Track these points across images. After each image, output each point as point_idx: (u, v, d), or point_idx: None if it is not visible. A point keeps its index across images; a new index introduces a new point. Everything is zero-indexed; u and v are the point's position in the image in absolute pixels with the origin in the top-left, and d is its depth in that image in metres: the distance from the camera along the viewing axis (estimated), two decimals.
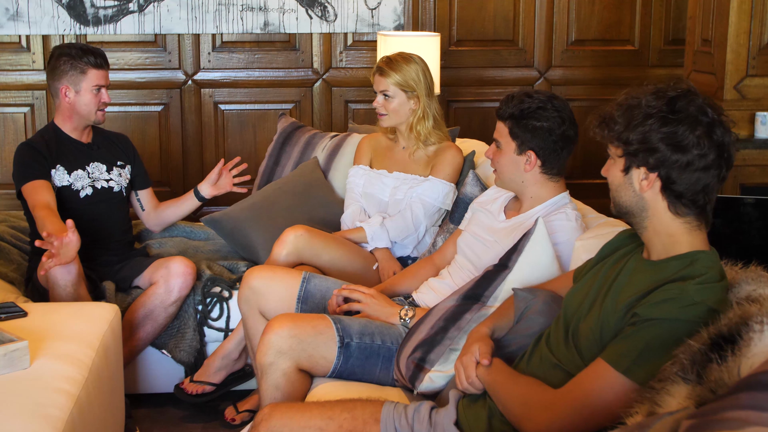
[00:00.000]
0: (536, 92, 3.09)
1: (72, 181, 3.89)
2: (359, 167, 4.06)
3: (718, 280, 2.10)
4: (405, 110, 3.88)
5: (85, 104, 3.87)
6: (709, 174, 2.10)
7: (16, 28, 5.26)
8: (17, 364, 2.77)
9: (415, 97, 3.86)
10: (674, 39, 5.73)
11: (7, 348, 2.75)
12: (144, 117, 5.45)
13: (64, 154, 3.91)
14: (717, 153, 2.09)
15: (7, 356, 2.75)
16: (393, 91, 3.86)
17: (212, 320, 3.89)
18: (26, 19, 5.24)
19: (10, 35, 5.30)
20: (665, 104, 2.12)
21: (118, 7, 5.27)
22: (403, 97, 3.87)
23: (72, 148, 3.94)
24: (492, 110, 5.51)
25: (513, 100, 3.05)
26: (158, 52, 5.41)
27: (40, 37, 5.32)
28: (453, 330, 2.83)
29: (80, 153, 3.96)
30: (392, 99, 3.87)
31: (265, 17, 5.36)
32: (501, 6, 5.57)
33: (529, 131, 3.02)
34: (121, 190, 4.03)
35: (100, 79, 3.87)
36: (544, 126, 3.01)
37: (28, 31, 5.28)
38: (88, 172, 3.95)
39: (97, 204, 3.93)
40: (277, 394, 2.97)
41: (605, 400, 2.07)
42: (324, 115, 5.54)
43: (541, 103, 3.02)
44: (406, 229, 3.83)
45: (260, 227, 4.09)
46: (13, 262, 4.06)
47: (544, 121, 3.01)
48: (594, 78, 5.71)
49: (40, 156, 3.84)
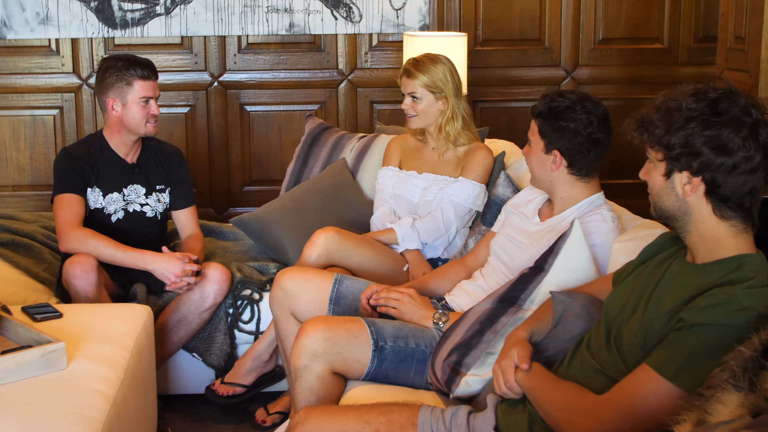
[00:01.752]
0: (570, 92, 3.07)
1: (105, 204, 3.83)
2: (389, 168, 4.06)
3: (767, 284, 2.05)
4: (433, 111, 3.87)
5: (132, 117, 3.78)
6: (755, 176, 2.06)
7: (46, 31, 5.30)
8: (54, 365, 2.79)
9: (443, 98, 3.86)
10: (704, 36, 5.65)
11: (44, 349, 2.78)
12: (171, 119, 5.46)
13: (103, 173, 3.83)
14: (763, 154, 2.06)
15: (44, 357, 2.77)
16: (421, 92, 3.85)
17: (243, 323, 3.89)
18: (56, 22, 5.27)
19: (40, 39, 5.34)
20: (707, 106, 2.08)
21: (145, 10, 5.29)
22: (431, 99, 3.86)
23: (114, 167, 3.86)
24: (519, 110, 5.60)
25: (545, 98, 3.04)
26: (184, 54, 5.42)
27: (69, 40, 5.35)
28: (489, 333, 2.81)
29: (121, 173, 3.87)
30: (420, 100, 3.86)
31: (291, 18, 5.37)
32: (527, 5, 5.54)
33: (556, 131, 3.01)
34: (156, 215, 3.94)
35: (147, 91, 3.77)
36: (570, 126, 2.99)
37: (58, 34, 5.31)
38: (124, 194, 3.87)
39: (128, 225, 3.88)
40: (311, 397, 2.97)
41: (650, 406, 2.04)
42: (349, 116, 5.54)
43: (571, 103, 3.00)
44: (436, 230, 3.82)
45: (289, 228, 4.09)
46: (44, 262, 4.08)
47: (570, 122, 2.98)
48: (622, 77, 5.66)
49: (79, 168, 3.79)
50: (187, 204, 4.02)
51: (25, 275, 3.90)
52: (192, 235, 3.99)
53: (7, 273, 3.86)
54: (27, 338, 2.91)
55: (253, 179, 5.63)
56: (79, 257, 3.56)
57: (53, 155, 5.42)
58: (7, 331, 3.00)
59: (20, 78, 5.40)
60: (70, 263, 3.55)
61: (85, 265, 3.52)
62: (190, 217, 4.02)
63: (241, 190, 5.64)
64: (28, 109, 5.46)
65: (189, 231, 4.01)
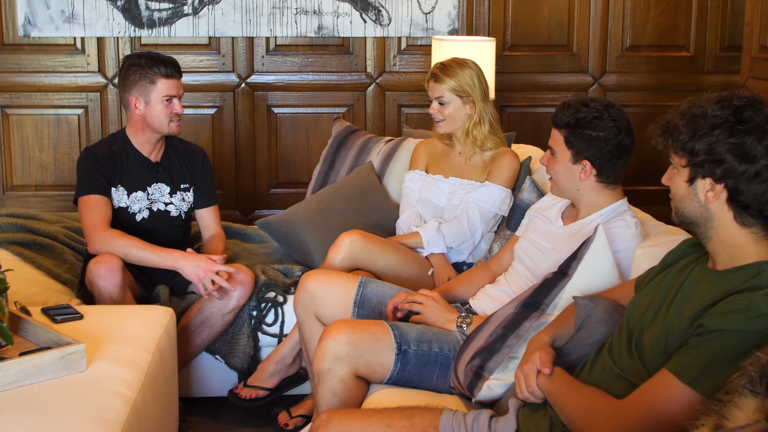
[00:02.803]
0: (593, 100, 3.05)
1: (129, 203, 3.81)
2: (415, 172, 4.05)
3: None
4: (461, 115, 3.88)
5: (155, 116, 3.75)
6: None
7: (72, 30, 5.29)
8: (74, 367, 2.76)
9: (470, 102, 3.85)
10: (730, 45, 5.65)
11: (64, 351, 2.74)
12: (197, 120, 5.46)
13: (127, 172, 3.82)
14: None
15: (64, 359, 2.74)
16: (448, 96, 3.85)
17: (267, 326, 3.87)
18: (81, 21, 5.27)
19: (65, 37, 5.33)
20: (731, 114, 2.08)
21: (172, 9, 5.29)
22: (458, 103, 3.86)
23: (137, 165, 3.85)
24: (546, 116, 5.54)
25: (569, 109, 3.01)
26: (212, 55, 5.42)
27: (95, 39, 5.35)
28: (512, 338, 2.80)
29: (144, 172, 3.86)
30: (448, 105, 3.86)
31: (319, 21, 5.35)
32: (555, 11, 5.52)
33: (585, 141, 2.98)
34: (180, 215, 3.93)
35: (170, 89, 3.75)
36: (600, 136, 2.97)
37: (83, 33, 5.30)
38: (149, 193, 3.85)
39: (153, 224, 3.87)
40: (334, 400, 2.96)
41: (670, 411, 2.05)
42: (377, 119, 5.52)
43: (598, 112, 2.98)
44: (462, 234, 3.81)
45: (315, 231, 4.08)
46: (66, 262, 4.08)
47: (600, 131, 2.97)
48: (649, 84, 5.64)
49: (104, 168, 3.77)
50: (209, 203, 4.00)
51: (47, 276, 3.89)
52: (214, 236, 3.97)
53: (29, 274, 3.84)
54: (46, 340, 2.88)
55: (279, 181, 5.62)
56: (104, 257, 3.55)
57: (77, 155, 5.40)
58: (26, 333, 2.97)
59: (44, 77, 5.40)
60: (95, 263, 3.53)
61: (111, 265, 3.51)
62: (212, 217, 4.00)
63: (267, 193, 5.63)
64: (52, 108, 5.45)
65: (211, 231, 3.99)
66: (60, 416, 2.51)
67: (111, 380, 2.75)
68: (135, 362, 2.90)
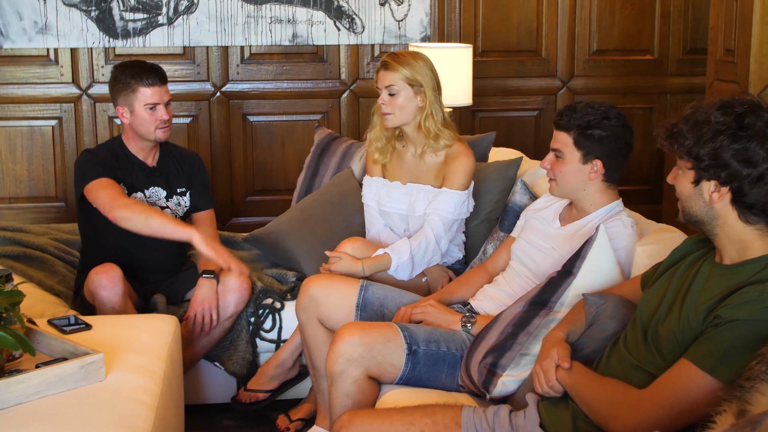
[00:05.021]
0: (593, 102, 3.14)
1: None
2: (372, 181, 3.95)
3: None
4: (412, 107, 3.70)
5: (140, 124, 3.77)
6: None
7: (45, 41, 5.27)
8: (93, 377, 2.77)
9: (421, 93, 3.69)
10: (692, 49, 5.83)
11: (83, 361, 2.75)
12: (173, 129, 5.39)
13: (127, 174, 3.83)
14: None
15: (83, 369, 2.75)
16: (400, 85, 3.68)
17: (265, 332, 3.91)
18: (55, 32, 5.25)
19: (39, 48, 5.31)
20: (734, 120, 2.19)
21: (147, 20, 5.30)
22: (409, 93, 3.69)
23: (136, 169, 3.86)
24: (516, 119, 5.69)
25: (576, 111, 3.10)
26: (187, 65, 5.44)
27: (69, 50, 5.33)
28: (522, 335, 2.88)
29: (143, 176, 3.87)
30: (398, 95, 3.69)
31: (294, 29, 5.41)
32: (525, 17, 5.64)
33: (596, 140, 3.07)
34: (176, 217, 3.92)
35: (153, 97, 3.75)
36: (610, 135, 3.06)
37: (57, 44, 5.29)
38: (146, 195, 3.87)
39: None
40: (348, 401, 3.02)
41: (691, 398, 2.14)
42: (352, 126, 5.58)
43: (604, 113, 3.08)
44: (432, 250, 3.71)
45: (300, 239, 4.13)
46: (58, 274, 4.07)
47: (609, 130, 3.06)
48: (615, 87, 5.78)
49: (106, 163, 3.76)
50: (206, 206, 4.03)
51: (40, 288, 3.87)
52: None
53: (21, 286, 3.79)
54: (61, 350, 2.88)
55: (256, 189, 5.66)
56: (105, 267, 3.56)
57: (52, 167, 5.42)
58: (38, 344, 2.95)
59: (17, 88, 5.37)
60: (97, 273, 3.54)
61: (112, 275, 3.53)
62: (208, 220, 4.03)
63: (244, 200, 5.67)
64: (25, 120, 5.43)
65: (210, 231, 4.01)
66: (87, 426, 2.53)
67: (131, 388, 2.77)
68: (151, 370, 2.92)
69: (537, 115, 5.79)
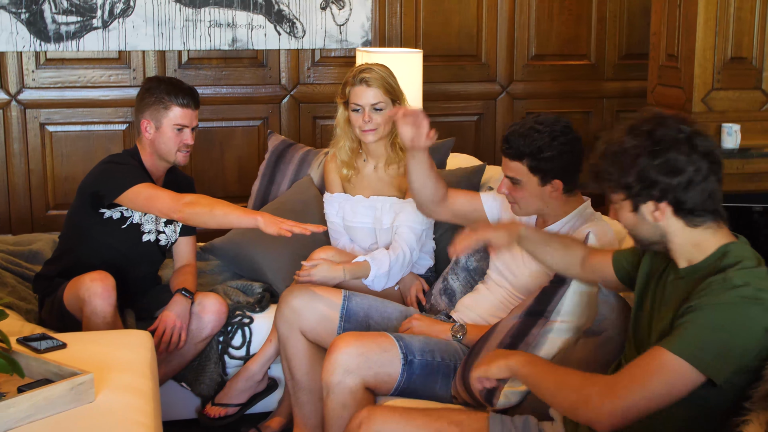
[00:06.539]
0: (537, 122, 3.07)
1: (143, 221, 3.69)
2: (333, 198, 3.88)
3: (756, 265, 2.24)
4: (390, 121, 3.60)
5: (164, 142, 3.62)
6: (709, 181, 2.24)
7: None
8: (83, 398, 2.61)
9: (399, 105, 3.63)
10: (627, 54, 5.92)
11: (73, 382, 2.59)
12: (108, 136, 5.27)
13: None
14: (708, 160, 2.24)
15: (73, 390, 2.59)
16: (385, 101, 3.64)
17: (234, 349, 3.77)
18: None
19: None
20: (646, 139, 2.25)
21: (81, 23, 5.10)
22: (390, 107, 3.62)
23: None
24: (457, 124, 5.68)
25: (522, 138, 3.04)
26: (122, 69, 5.25)
27: None
28: (521, 346, 2.87)
29: None
30: (383, 110, 3.63)
31: (234, 33, 5.28)
32: (465, 22, 5.63)
33: (550, 161, 3.03)
34: (167, 244, 3.80)
35: (183, 119, 3.62)
36: (563, 152, 3.03)
37: None
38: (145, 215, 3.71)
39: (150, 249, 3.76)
40: (344, 412, 2.98)
41: (662, 379, 2.17)
42: (292, 132, 5.48)
43: (551, 132, 3.03)
44: (408, 262, 3.67)
45: (264, 249, 4.01)
46: (6, 285, 3.90)
47: (561, 148, 3.03)
48: (554, 91, 5.83)
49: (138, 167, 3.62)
50: (190, 232, 3.88)
51: None
52: (187, 266, 3.84)
53: None
54: (43, 371, 2.72)
55: None
56: (100, 275, 3.40)
57: None
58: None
59: None
60: (92, 280, 3.37)
61: (107, 284, 3.37)
62: (190, 246, 3.87)
63: None
64: None
65: (185, 260, 3.86)
66: None
67: (124, 409, 2.63)
68: (140, 389, 2.79)
69: (477, 120, 5.78)
